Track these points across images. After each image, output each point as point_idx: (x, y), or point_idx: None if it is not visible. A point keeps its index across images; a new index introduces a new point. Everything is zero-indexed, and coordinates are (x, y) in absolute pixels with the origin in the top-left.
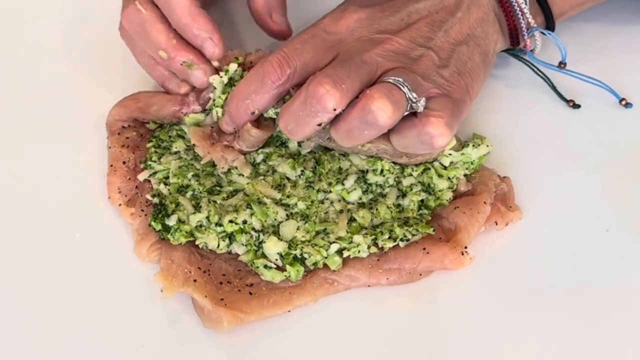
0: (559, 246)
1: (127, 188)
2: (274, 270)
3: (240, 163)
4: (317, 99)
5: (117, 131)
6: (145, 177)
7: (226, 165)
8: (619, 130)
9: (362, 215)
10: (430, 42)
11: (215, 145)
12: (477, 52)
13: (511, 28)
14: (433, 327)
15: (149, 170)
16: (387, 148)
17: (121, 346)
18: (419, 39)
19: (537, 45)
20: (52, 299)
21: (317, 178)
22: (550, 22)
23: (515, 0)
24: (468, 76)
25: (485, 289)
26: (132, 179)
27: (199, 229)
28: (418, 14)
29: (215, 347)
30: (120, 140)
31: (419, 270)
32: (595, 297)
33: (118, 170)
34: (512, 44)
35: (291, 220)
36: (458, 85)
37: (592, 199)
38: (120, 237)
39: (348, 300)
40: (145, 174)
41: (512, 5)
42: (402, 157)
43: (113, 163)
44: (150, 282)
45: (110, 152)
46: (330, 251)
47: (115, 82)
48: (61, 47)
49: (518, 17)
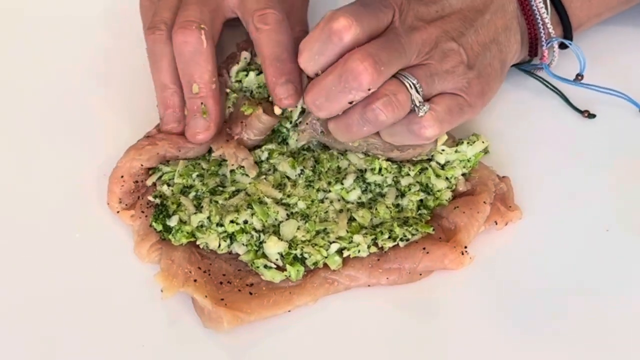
0: (559, 246)
1: (128, 199)
2: (274, 270)
3: (248, 164)
4: (355, 75)
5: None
6: (153, 180)
7: (236, 163)
8: (619, 131)
9: (362, 215)
10: (461, 38)
11: (230, 142)
12: (498, 58)
13: (532, 37)
14: (433, 327)
15: (157, 174)
16: (376, 142)
17: (121, 346)
18: (451, 31)
19: (554, 58)
20: (52, 299)
21: (316, 177)
22: (569, 33)
23: (538, 10)
24: (485, 81)
25: (485, 289)
26: (136, 192)
27: (200, 229)
28: (451, 8)
29: (215, 347)
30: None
31: (419, 270)
32: (595, 297)
33: (126, 184)
34: (530, 55)
35: (291, 220)
36: (474, 88)
37: (592, 199)
38: (121, 238)
39: (348, 300)
40: (153, 178)
41: (534, 14)
42: (393, 150)
43: (124, 175)
44: (150, 283)
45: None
46: (330, 251)
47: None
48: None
49: (539, 27)
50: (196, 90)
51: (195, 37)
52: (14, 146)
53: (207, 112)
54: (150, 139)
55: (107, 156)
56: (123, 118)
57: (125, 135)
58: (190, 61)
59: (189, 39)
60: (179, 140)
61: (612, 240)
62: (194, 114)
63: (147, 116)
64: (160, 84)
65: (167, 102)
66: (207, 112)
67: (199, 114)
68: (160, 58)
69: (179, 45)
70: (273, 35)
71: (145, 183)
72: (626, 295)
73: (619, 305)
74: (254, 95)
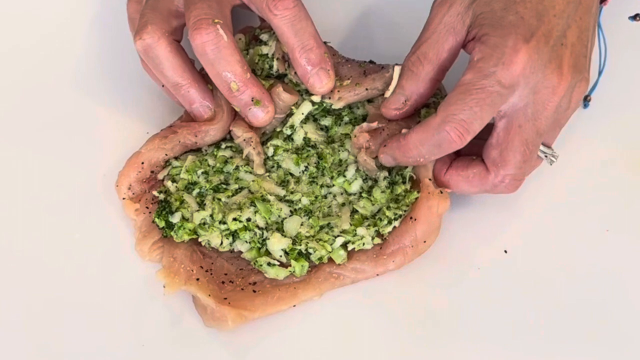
0: (559, 246)
1: (137, 188)
2: (278, 267)
3: (259, 161)
4: (448, 142)
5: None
6: (165, 174)
7: (253, 152)
8: (621, 131)
9: (363, 205)
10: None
11: (256, 130)
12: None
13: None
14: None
15: (167, 168)
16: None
17: (121, 346)
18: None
19: None
20: (53, 299)
21: (320, 173)
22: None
23: None
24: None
25: (486, 289)
26: (147, 183)
27: (202, 227)
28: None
29: (216, 345)
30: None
31: (419, 238)
32: (595, 297)
33: (143, 172)
34: None
35: (295, 216)
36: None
37: (592, 199)
38: (121, 237)
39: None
40: (164, 172)
41: None
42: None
43: (145, 161)
44: (150, 282)
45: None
46: (335, 245)
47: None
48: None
49: None
50: (236, 88)
51: (213, 34)
52: (14, 146)
53: (258, 99)
54: (172, 128)
55: (107, 156)
56: (123, 117)
57: (127, 135)
58: (216, 60)
59: (207, 38)
60: (195, 125)
61: (612, 240)
62: (248, 107)
63: (148, 115)
64: (172, 85)
65: (189, 98)
66: (258, 101)
67: (250, 106)
68: (159, 62)
69: (199, 47)
70: (297, 23)
71: (157, 176)
72: (626, 295)
73: (619, 305)
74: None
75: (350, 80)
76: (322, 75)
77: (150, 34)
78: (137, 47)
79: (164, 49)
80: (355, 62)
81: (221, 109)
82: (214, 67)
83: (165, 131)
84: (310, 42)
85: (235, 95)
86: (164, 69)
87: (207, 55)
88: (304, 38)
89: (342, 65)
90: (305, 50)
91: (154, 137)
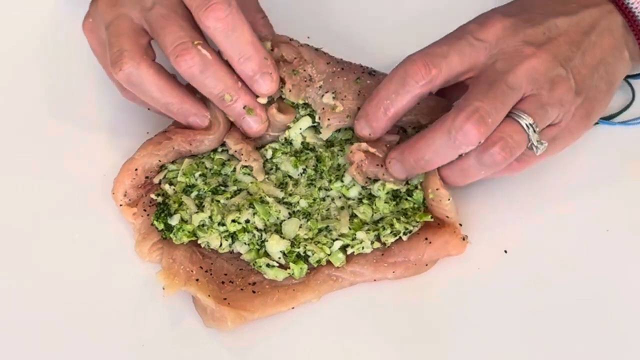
0: (559, 246)
1: (134, 194)
2: (277, 268)
3: (258, 166)
4: (464, 133)
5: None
6: (160, 178)
7: (249, 161)
8: (620, 130)
9: (363, 211)
10: (569, 63)
11: (249, 141)
12: (605, 80)
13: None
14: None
15: (163, 172)
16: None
17: (121, 346)
18: (560, 56)
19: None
20: (53, 299)
21: (318, 176)
22: None
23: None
24: (590, 106)
25: (486, 289)
26: (142, 188)
27: (201, 229)
28: (557, 30)
29: (216, 345)
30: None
31: (424, 260)
32: (595, 297)
33: (137, 178)
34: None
35: (293, 218)
36: (578, 113)
37: (592, 199)
38: (121, 237)
39: (352, 297)
40: (160, 176)
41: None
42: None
43: (139, 168)
44: (150, 282)
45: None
46: (333, 248)
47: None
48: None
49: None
50: (230, 99)
51: (197, 57)
52: (13, 145)
53: (250, 108)
54: (166, 134)
55: (107, 156)
56: (123, 117)
57: (126, 136)
58: (206, 79)
59: (192, 62)
60: (190, 133)
61: (612, 240)
62: (242, 117)
63: (148, 114)
64: (163, 105)
65: (183, 113)
66: (251, 110)
67: (245, 116)
68: (145, 87)
69: (187, 72)
70: (231, 33)
71: (153, 180)
72: (626, 295)
73: (619, 305)
74: None
75: (342, 107)
76: (265, 80)
77: (128, 63)
78: (118, 79)
79: (147, 72)
80: (353, 73)
81: (217, 120)
82: (206, 86)
83: (160, 137)
84: (248, 50)
85: (229, 105)
86: (152, 93)
87: (196, 78)
88: (240, 47)
89: (337, 77)
90: (244, 59)
91: (148, 142)
